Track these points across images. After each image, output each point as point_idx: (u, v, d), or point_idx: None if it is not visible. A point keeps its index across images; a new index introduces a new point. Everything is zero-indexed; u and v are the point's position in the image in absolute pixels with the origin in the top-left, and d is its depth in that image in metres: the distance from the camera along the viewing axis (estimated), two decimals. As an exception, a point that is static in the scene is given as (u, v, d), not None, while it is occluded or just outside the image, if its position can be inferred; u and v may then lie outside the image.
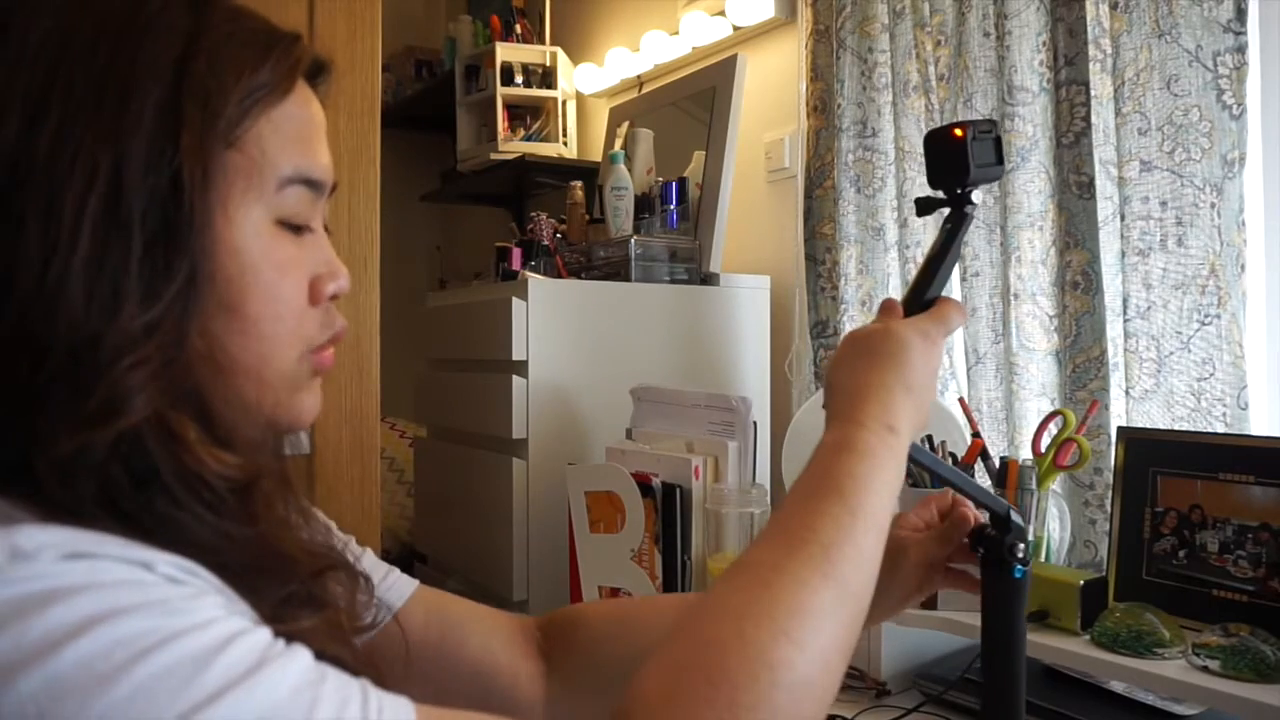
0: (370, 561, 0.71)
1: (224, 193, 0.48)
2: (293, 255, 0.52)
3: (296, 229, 0.52)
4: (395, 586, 0.72)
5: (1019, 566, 0.72)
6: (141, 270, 0.44)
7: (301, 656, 0.41)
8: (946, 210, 0.71)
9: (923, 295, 0.69)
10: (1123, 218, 1.28)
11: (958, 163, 0.68)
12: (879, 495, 0.56)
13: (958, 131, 0.68)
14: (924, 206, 0.72)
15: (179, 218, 0.45)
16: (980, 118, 0.72)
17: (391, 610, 0.70)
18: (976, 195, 0.70)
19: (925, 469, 0.71)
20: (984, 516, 0.75)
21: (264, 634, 0.41)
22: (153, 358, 0.44)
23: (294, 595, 0.48)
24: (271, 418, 0.52)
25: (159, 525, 0.43)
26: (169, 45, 0.47)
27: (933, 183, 0.71)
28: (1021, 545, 0.71)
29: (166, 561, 0.40)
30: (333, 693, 0.40)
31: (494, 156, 2.49)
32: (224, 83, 0.48)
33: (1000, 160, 0.70)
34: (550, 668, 0.75)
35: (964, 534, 0.75)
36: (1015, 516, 0.72)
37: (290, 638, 0.42)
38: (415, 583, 0.73)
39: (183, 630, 0.38)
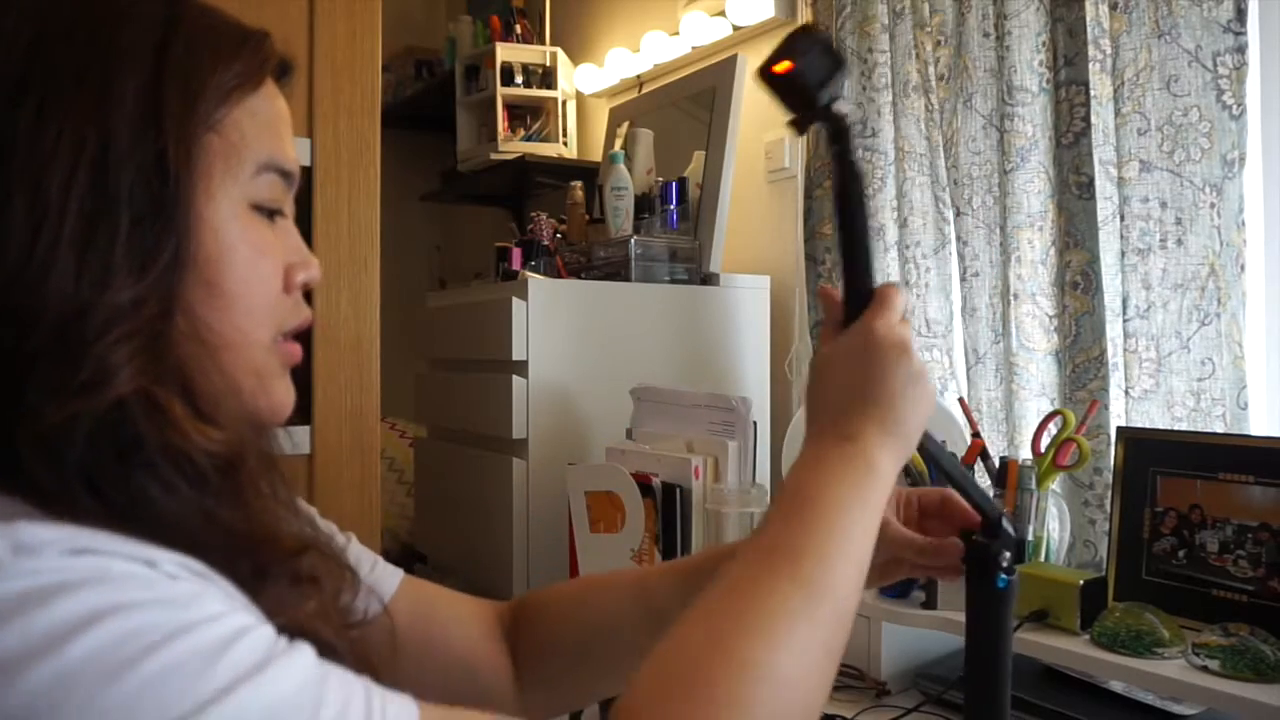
0: (356, 550, 0.71)
1: (205, 174, 0.49)
2: (268, 239, 0.54)
3: (270, 215, 0.54)
4: (382, 578, 0.72)
5: (1003, 576, 0.68)
6: (129, 245, 0.45)
7: (305, 654, 0.41)
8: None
9: (860, 267, 0.64)
10: (1122, 218, 1.28)
11: (802, 94, 0.62)
12: (838, 498, 0.57)
13: (779, 67, 0.62)
14: (799, 125, 0.65)
15: (164, 195, 0.47)
16: (795, 30, 0.65)
17: (382, 601, 0.69)
18: (843, 104, 0.64)
19: (928, 460, 0.69)
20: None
21: (268, 630, 0.41)
22: (140, 331, 0.45)
23: (278, 576, 0.48)
24: (251, 406, 0.53)
25: (141, 503, 0.43)
26: (147, 32, 0.49)
27: (793, 114, 0.65)
28: (1007, 554, 0.68)
29: (169, 560, 0.41)
30: (337, 689, 0.41)
31: (494, 156, 2.49)
32: (202, 69, 0.50)
33: (839, 61, 0.63)
34: (515, 656, 0.76)
35: (951, 532, 0.73)
36: (1007, 524, 0.69)
37: (290, 630, 0.42)
38: (400, 573, 0.74)
39: (190, 624, 0.38)
